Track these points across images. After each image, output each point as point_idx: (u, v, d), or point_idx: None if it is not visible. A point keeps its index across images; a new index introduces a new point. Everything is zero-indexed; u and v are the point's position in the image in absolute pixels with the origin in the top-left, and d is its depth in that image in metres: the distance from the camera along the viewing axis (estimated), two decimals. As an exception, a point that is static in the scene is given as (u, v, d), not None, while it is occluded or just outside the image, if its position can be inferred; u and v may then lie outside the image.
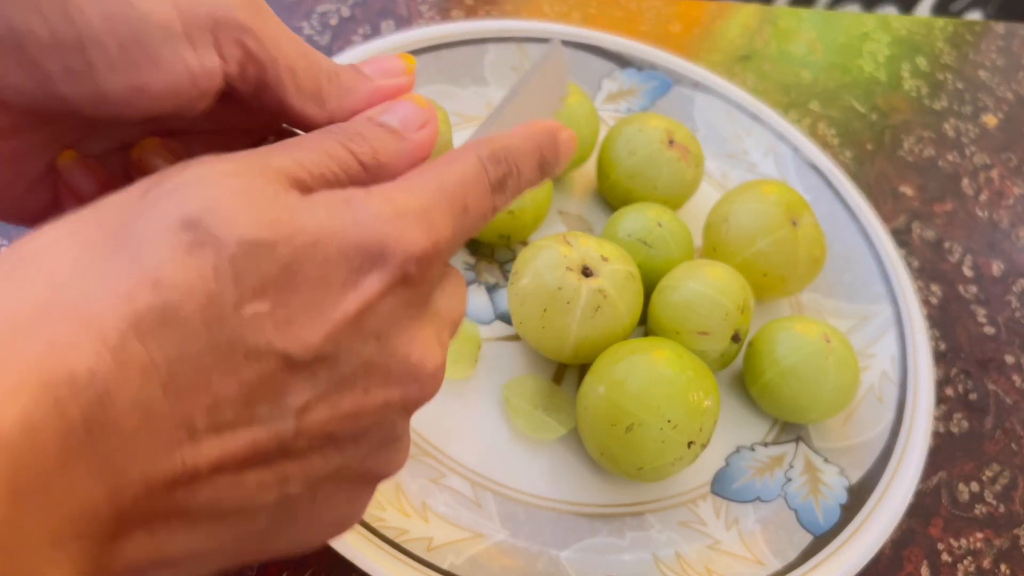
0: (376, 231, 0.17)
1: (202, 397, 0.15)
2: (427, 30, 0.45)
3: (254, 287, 0.16)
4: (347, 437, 0.18)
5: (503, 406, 0.35)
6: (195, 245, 0.15)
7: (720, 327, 0.35)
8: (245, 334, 0.16)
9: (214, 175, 0.17)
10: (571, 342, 0.34)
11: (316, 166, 0.19)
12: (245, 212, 0.16)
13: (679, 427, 0.31)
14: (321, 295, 0.17)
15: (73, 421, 0.14)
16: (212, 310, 0.15)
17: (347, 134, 0.20)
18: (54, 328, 0.14)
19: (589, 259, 0.34)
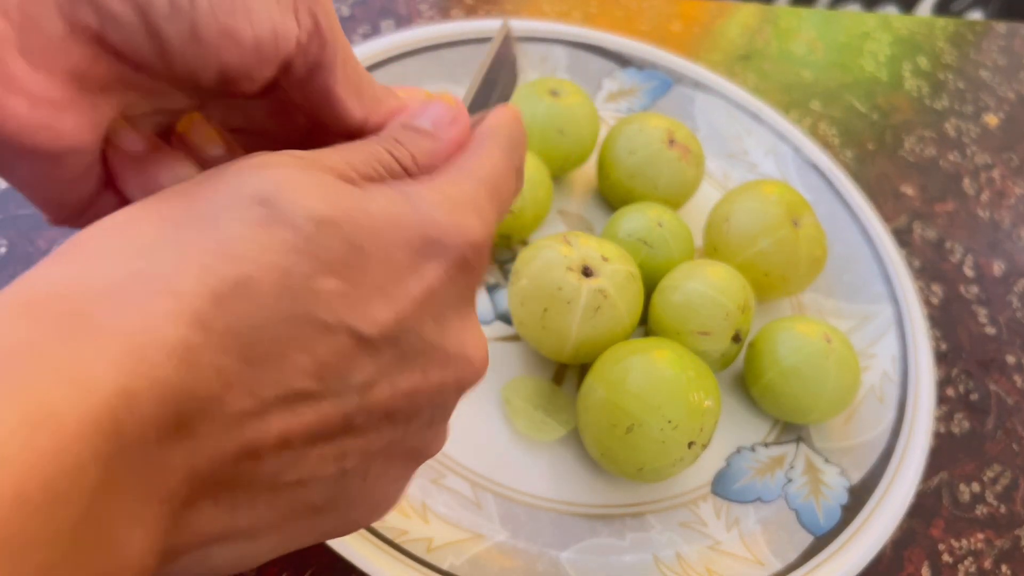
0: (436, 220, 0.18)
1: (276, 369, 0.16)
2: (427, 30, 0.45)
3: (325, 264, 0.17)
4: (403, 415, 0.19)
5: (503, 406, 0.35)
6: (269, 220, 0.16)
7: (721, 327, 0.35)
8: (319, 309, 0.16)
9: (279, 161, 0.17)
10: (571, 342, 0.34)
11: (363, 165, 0.20)
12: (314, 191, 0.17)
13: (680, 427, 0.31)
14: (387, 277, 0.18)
15: (166, 388, 0.14)
16: (287, 284, 0.16)
17: (387, 140, 0.21)
18: (146, 298, 0.15)
19: (589, 259, 0.34)
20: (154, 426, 0.14)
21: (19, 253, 0.36)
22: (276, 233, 0.16)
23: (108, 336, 0.14)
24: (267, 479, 0.17)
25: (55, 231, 0.37)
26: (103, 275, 0.15)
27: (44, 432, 0.13)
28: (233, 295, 0.15)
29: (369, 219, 0.17)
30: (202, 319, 0.15)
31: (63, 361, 0.13)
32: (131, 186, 0.24)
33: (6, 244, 0.36)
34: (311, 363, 0.16)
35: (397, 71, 0.43)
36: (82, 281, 0.15)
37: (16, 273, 0.35)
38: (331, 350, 0.17)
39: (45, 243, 0.37)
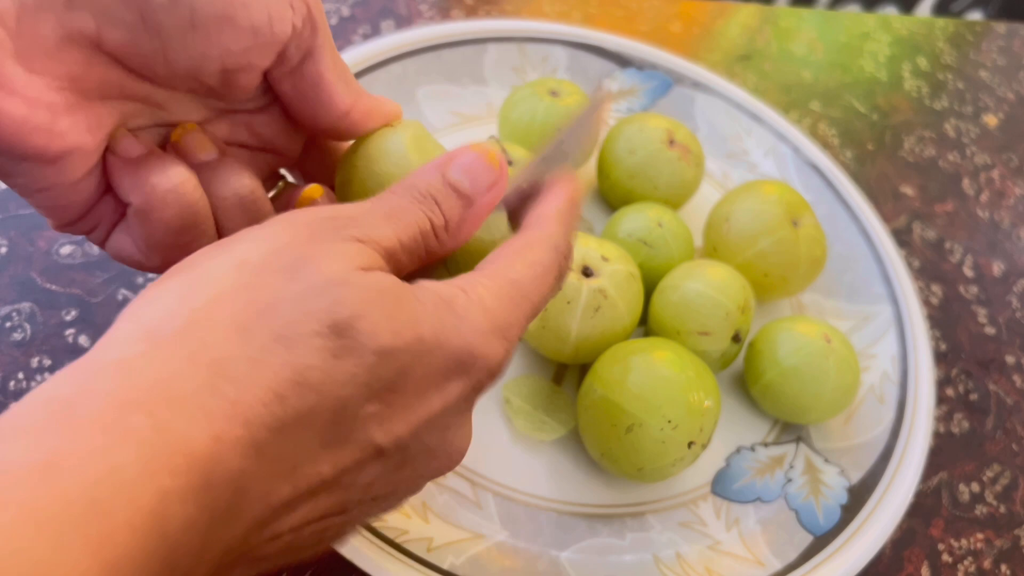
0: (471, 344, 0.19)
1: (310, 481, 0.17)
2: (427, 30, 0.45)
3: (376, 391, 0.18)
4: (387, 495, 0.21)
5: (503, 406, 0.35)
6: (342, 351, 0.17)
7: (721, 327, 0.35)
8: (356, 430, 0.18)
9: (354, 274, 0.18)
10: (571, 342, 0.34)
11: (408, 236, 0.21)
12: (382, 321, 0.18)
13: (679, 427, 0.31)
14: (417, 394, 0.19)
15: (217, 515, 0.15)
16: (341, 412, 0.17)
17: (426, 201, 0.22)
18: (218, 420, 0.16)
19: (589, 259, 0.34)
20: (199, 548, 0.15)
21: (19, 253, 0.36)
22: (345, 366, 0.17)
23: (183, 461, 0.15)
24: (267, 556, 0.18)
25: (55, 231, 0.37)
26: (183, 384, 0.16)
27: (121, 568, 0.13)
28: (294, 426, 0.17)
29: (421, 346, 0.18)
30: (262, 448, 0.16)
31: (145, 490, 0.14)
32: (124, 187, 0.24)
33: (6, 244, 0.36)
34: (332, 471, 0.18)
35: (397, 71, 0.43)
36: (163, 388, 0.16)
37: (16, 273, 0.35)
38: (353, 461, 0.18)
39: (45, 243, 0.37)
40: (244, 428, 0.16)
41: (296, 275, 0.18)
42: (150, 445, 0.15)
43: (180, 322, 0.17)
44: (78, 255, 0.37)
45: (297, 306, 0.17)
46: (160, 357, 0.16)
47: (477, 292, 0.20)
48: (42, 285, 0.35)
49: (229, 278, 0.18)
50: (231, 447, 0.15)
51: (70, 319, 0.35)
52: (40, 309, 0.35)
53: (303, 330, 0.17)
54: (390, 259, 0.20)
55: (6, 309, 0.34)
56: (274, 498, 0.17)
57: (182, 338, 0.16)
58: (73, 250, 0.37)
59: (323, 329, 0.17)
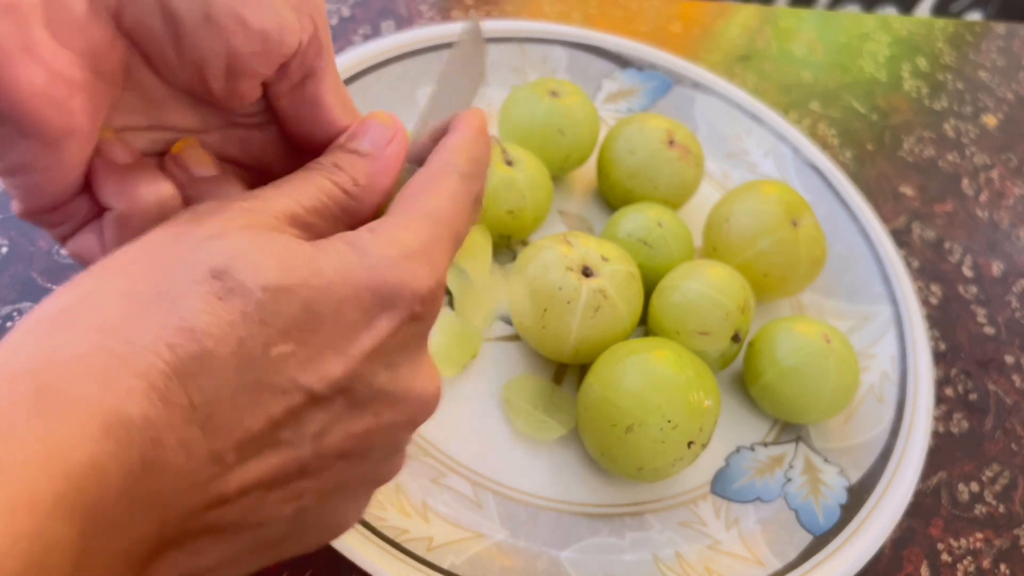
0: (385, 274, 0.19)
1: (234, 433, 0.17)
2: (427, 30, 0.45)
3: (279, 329, 0.17)
4: (357, 453, 0.20)
5: (503, 406, 0.35)
6: (225, 293, 0.17)
7: (720, 327, 0.35)
8: (272, 373, 0.17)
9: (233, 228, 0.18)
10: (571, 342, 0.34)
11: (310, 200, 0.21)
12: (265, 259, 0.18)
13: (679, 427, 0.31)
14: (339, 333, 0.18)
15: (132, 463, 0.15)
16: (243, 353, 0.17)
17: (327, 168, 0.22)
18: (108, 374, 0.15)
19: (589, 259, 0.34)
20: (124, 500, 0.15)
21: (19, 253, 0.36)
22: (232, 304, 0.17)
23: (78, 414, 0.15)
24: (229, 525, 0.18)
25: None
26: (70, 350, 0.16)
27: (23, 515, 0.13)
28: (193, 370, 0.16)
29: (321, 280, 0.18)
30: (164, 395, 0.16)
31: (37, 440, 0.14)
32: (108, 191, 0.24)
33: (6, 244, 0.36)
34: (266, 422, 0.18)
35: (397, 72, 0.43)
36: (50, 355, 0.16)
37: (16, 273, 0.35)
38: (284, 409, 0.18)
39: (46, 243, 0.37)
40: (138, 378, 0.16)
41: (177, 240, 0.18)
42: (33, 398, 0.15)
43: (68, 301, 0.17)
44: (79, 255, 0.37)
45: (177, 263, 0.18)
46: (44, 331, 0.16)
47: (384, 228, 0.20)
48: (42, 285, 0.35)
49: (117, 261, 0.18)
50: (126, 396, 0.15)
51: (71, 319, 0.35)
52: (41, 309, 0.35)
53: (183, 281, 0.17)
54: (295, 223, 0.20)
55: (6, 309, 0.34)
56: (197, 449, 0.16)
57: (68, 313, 0.17)
58: (74, 250, 0.37)
59: (202, 276, 0.17)
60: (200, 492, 0.17)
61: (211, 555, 0.18)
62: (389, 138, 0.23)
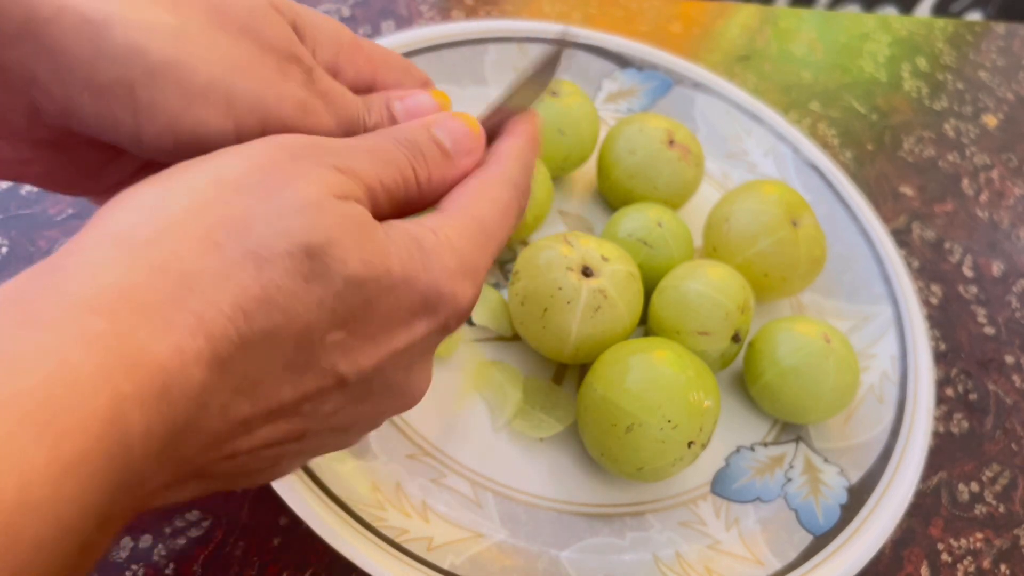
0: (439, 284, 0.20)
1: (270, 403, 0.18)
2: (427, 30, 0.45)
3: (342, 319, 0.18)
4: (345, 427, 0.21)
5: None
6: (312, 275, 0.17)
7: (721, 327, 0.35)
8: (320, 357, 0.18)
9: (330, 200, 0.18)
10: (571, 342, 0.34)
11: (389, 180, 0.21)
12: (354, 249, 0.18)
13: (679, 427, 0.31)
14: (383, 328, 0.19)
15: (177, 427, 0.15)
16: (305, 336, 0.17)
17: (412, 150, 0.22)
18: (181, 332, 0.15)
19: (590, 259, 0.34)
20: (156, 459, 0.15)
21: (19, 253, 0.36)
22: (314, 289, 0.17)
23: (142, 369, 0.15)
24: (221, 474, 0.19)
25: (55, 231, 0.37)
26: (149, 292, 0.15)
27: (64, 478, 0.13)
28: (258, 344, 0.17)
29: (388, 278, 0.19)
30: (224, 363, 0.16)
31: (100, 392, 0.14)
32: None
33: (7, 244, 0.36)
34: (299, 396, 0.18)
35: (397, 71, 0.43)
36: (130, 296, 0.15)
37: (16, 273, 0.35)
38: (317, 387, 0.19)
39: (46, 243, 0.37)
40: (207, 341, 0.16)
41: (272, 194, 0.18)
42: (108, 349, 0.14)
43: (151, 231, 0.17)
44: (78, 255, 0.37)
45: (271, 225, 0.17)
46: (126, 263, 0.16)
47: (445, 232, 0.20)
48: (42, 285, 0.35)
49: (205, 191, 0.18)
50: (193, 359, 0.15)
51: (70, 319, 0.35)
52: (40, 309, 0.35)
53: (275, 249, 0.17)
54: (369, 195, 0.20)
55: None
56: (233, 415, 0.17)
57: (151, 247, 0.16)
58: (73, 250, 0.37)
59: (295, 250, 0.17)
60: (217, 450, 0.17)
61: (190, 492, 0.19)
62: (469, 149, 0.23)
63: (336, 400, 0.19)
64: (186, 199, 0.17)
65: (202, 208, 0.17)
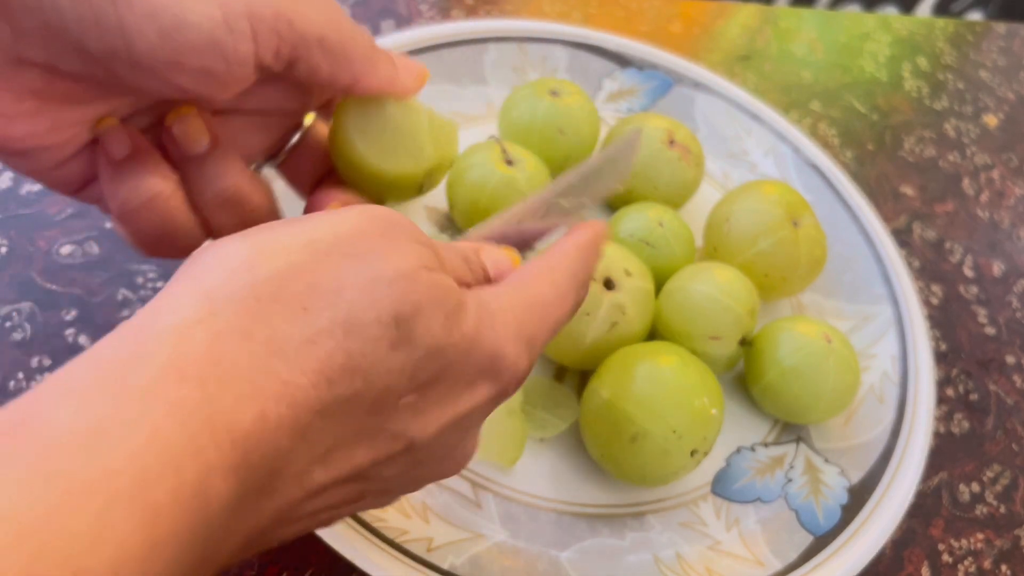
0: (503, 349, 0.20)
1: (343, 469, 0.18)
2: (427, 30, 0.45)
3: (417, 384, 0.18)
4: (394, 490, 0.22)
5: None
6: (398, 343, 0.17)
7: (731, 332, 0.35)
8: (394, 420, 0.18)
9: (421, 272, 0.18)
10: (582, 350, 0.34)
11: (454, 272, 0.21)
12: (438, 319, 0.18)
13: (684, 437, 0.31)
14: (452, 390, 0.19)
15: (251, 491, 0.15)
16: (382, 401, 0.18)
17: (469, 262, 0.23)
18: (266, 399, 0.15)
19: (613, 271, 0.34)
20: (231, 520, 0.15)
21: (19, 253, 0.36)
22: (398, 357, 0.17)
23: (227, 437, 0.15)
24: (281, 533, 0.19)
25: (55, 231, 0.37)
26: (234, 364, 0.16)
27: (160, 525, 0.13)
28: (337, 411, 0.17)
29: (466, 344, 0.19)
30: (304, 430, 0.16)
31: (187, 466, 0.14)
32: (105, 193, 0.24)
33: (6, 244, 0.36)
34: (370, 461, 0.18)
35: (397, 71, 0.43)
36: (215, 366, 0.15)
37: (16, 273, 0.35)
38: (386, 452, 0.19)
39: (45, 243, 0.37)
40: (289, 408, 0.16)
41: (366, 264, 0.18)
42: (197, 418, 0.14)
43: (243, 292, 0.16)
44: (78, 255, 0.37)
45: (363, 294, 0.17)
46: (217, 327, 0.16)
47: (508, 300, 0.21)
48: (42, 285, 0.35)
49: (298, 254, 0.17)
50: (275, 426, 0.15)
51: (70, 319, 0.35)
52: (40, 309, 0.35)
53: (365, 318, 0.17)
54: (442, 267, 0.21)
55: (6, 309, 0.34)
56: (308, 482, 0.17)
57: (242, 309, 0.16)
58: (73, 250, 0.37)
59: (386, 319, 0.17)
60: (287, 515, 0.17)
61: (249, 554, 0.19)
62: (504, 274, 0.24)
63: (400, 464, 0.19)
64: (278, 261, 0.17)
65: (294, 272, 0.17)
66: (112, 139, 0.24)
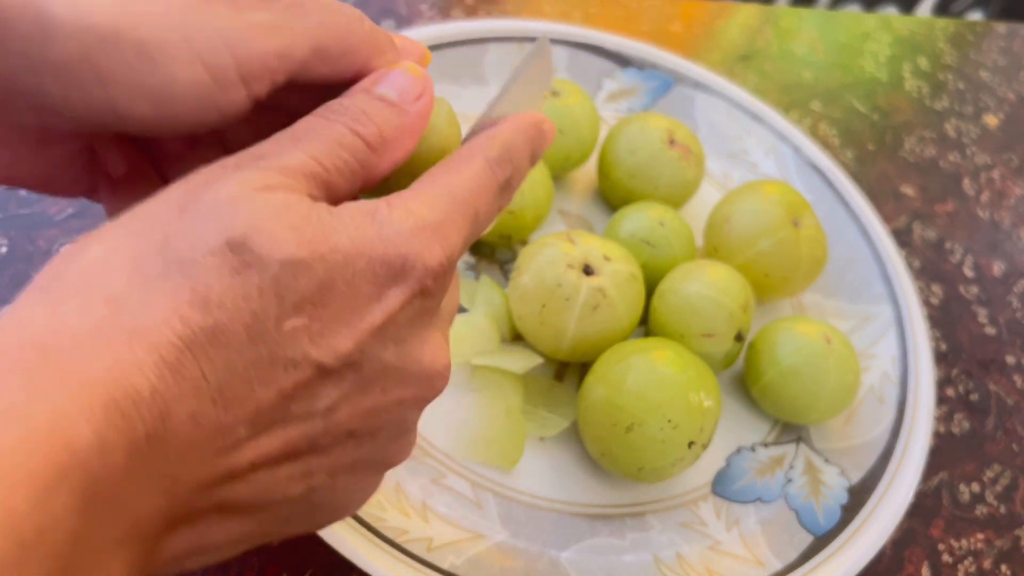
0: (399, 246, 0.19)
1: (246, 406, 0.17)
2: (427, 29, 0.45)
3: (293, 303, 0.17)
4: (366, 432, 0.20)
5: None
6: (241, 266, 0.17)
7: (724, 328, 0.35)
8: (285, 347, 0.17)
9: (249, 193, 0.17)
10: (568, 339, 0.34)
11: (330, 158, 0.20)
12: (284, 232, 0.17)
13: (679, 427, 0.31)
14: (350, 307, 0.18)
15: (138, 437, 0.15)
16: (256, 327, 0.17)
17: (352, 115, 0.21)
18: (117, 347, 0.15)
19: (591, 258, 0.34)
20: (129, 475, 0.15)
21: (19, 253, 0.36)
22: (248, 278, 0.17)
23: (81, 387, 0.14)
24: (240, 503, 0.18)
25: (55, 231, 0.37)
26: (78, 322, 0.15)
27: (19, 492, 0.13)
28: (205, 343, 0.16)
29: (336, 253, 0.18)
30: (175, 367, 0.16)
31: (38, 414, 0.14)
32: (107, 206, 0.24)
33: (6, 244, 0.36)
34: (277, 396, 0.17)
35: (397, 71, 0.43)
36: (57, 327, 0.15)
37: (16, 273, 0.35)
38: (295, 382, 0.18)
39: (45, 243, 0.37)
40: (148, 351, 0.15)
41: (187, 207, 0.18)
42: (38, 370, 0.14)
43: (76, 267, 0.17)
44: (78, 255, 0.37)
45: (189, 232, 0.17)
46: (51, 300, 0.16)
47: (402, 201, 0.20)
48: (42, 285, 0.35)
49: (127, 224, 0.17)
50: (135, 368, 0.15)
51: (70, 319, 0.35)
52: (40, 309, 0.35)
53: (197, 252, 0.17)
54: (312, 181, 0.19)
55: (6, 309, 0.34)
56: (206, 422, 0.16)
57: (76, 281, 0.16)
58: (73, 250, 0.37)
59: (217, 248, 0.17)
60: (209, 466, 0.17)
61: (220, 532, 0.18)
62: (419, 92, 0.22)
63: (329, 394, 0.18)
64: (104, 242, 0.17)
65: (122, 242, 0.17)
66: (109, 160, 0.24)
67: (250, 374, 0.17)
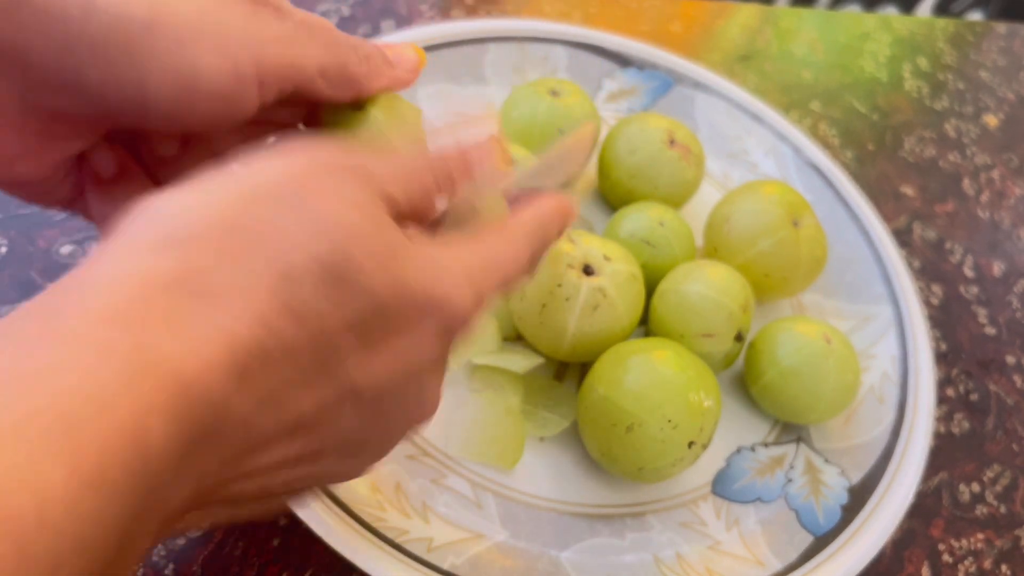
0: (447, 292, 0.20)
1: (290, 415, 0.18)
2: (427, 29, 0.45)
3: (360, 334, 0.18)
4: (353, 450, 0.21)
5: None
6: (335, 290, 0.17)
7: (724, 328, 0.35)
8: (339, 370, 0.18)
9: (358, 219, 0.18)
10: (568, 339, 0.34)
11: (414, 200, 0.22)
12: (378, 270, 0.18)
13: (679, 427, 0.31)
14: (395, 336, 0.19)
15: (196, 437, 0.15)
16: (323, 344, 0.18)
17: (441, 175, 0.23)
18: (198, 336, 0.15)
19: (591, 258, 0.34)
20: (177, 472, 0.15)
21: (19, 253, 0.36)
22: (335, 304, 0.17)
23: (160, 376, 0.15)
24: (247, 496, 0.19)
25: (55, 231, 0.37)
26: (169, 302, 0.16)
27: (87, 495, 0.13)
28: (279, 356, 0.17)
29: (408, 295, 0.19)
30: (244, 374, 0.16)
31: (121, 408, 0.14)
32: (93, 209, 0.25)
33: (6, 244, 0.36)
34: (315, 407, 0.18)
35: (397, 71, 0.43)
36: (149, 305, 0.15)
37: (16, 273, 0.35)
38: (334, 400, 0.18)
39: (45, 243, 0.37)
40: (229, 353, 0.16)
41: (300, 208, 0.18)
42: (127, 360, 0.14)
43: (174, 245, 0.17)
44: (78, 255, 0.37)
45: (296, 239, 0.17)
46: (150, 277, 0.16)
47: (457, 250, 0.21)
48: (42, 285, 0.35)
49: (230, 201, 0.18)
50: (215, 369, 0.15)
51: (70, 319, 0.35)
52: (40, 309, 0.35)
53: (299, 263, 0.17)
54: (393, 208, 0.20)
55: (6, 309, 0.34)
56: (254, 428, 0.17)
57: (173, 260, 0.16)
58: (73, 250, 0.37)
59: (320, 265, 0.17)
60: (237, 465, 0.17)
61: (220, 513, 0.19)
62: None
63: (351, 414, 0.19)
64: (209, 210, 0.17)
65: (226, 221, 0.17)
66: (99, 160, 0.24)
67: (301, 386, 0.18)
